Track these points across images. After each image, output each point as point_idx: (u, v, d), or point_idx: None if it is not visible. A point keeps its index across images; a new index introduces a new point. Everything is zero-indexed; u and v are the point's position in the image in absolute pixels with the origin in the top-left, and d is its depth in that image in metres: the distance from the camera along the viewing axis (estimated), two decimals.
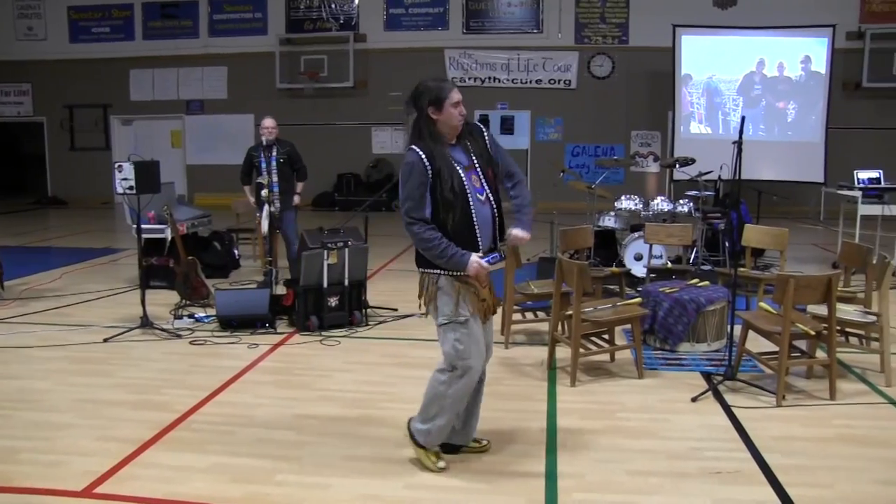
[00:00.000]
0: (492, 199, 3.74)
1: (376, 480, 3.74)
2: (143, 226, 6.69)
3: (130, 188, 6.18)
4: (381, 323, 6.81)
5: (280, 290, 7.09)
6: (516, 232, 3.79)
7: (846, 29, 15.74)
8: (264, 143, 7.95)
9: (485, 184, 3.72)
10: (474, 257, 3.61)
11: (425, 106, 3.64)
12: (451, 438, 3.99)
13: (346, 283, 6.55)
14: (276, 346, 6.05)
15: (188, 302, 7.18)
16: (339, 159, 16.74)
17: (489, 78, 16.89)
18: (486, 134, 3.85)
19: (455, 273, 3.65)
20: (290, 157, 8.18)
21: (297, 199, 8.31)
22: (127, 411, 4.65)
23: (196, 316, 6.83)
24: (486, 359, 3.93)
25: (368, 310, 6.90)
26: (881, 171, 9.99)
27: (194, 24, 17.73)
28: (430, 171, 3.57)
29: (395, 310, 7.17)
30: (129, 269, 9.04)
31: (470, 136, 3.77)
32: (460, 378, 3.73)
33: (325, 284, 6.43)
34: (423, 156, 3.59)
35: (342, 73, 16.88)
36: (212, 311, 6.77)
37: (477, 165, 3.72)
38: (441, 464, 3.85)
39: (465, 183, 3.62)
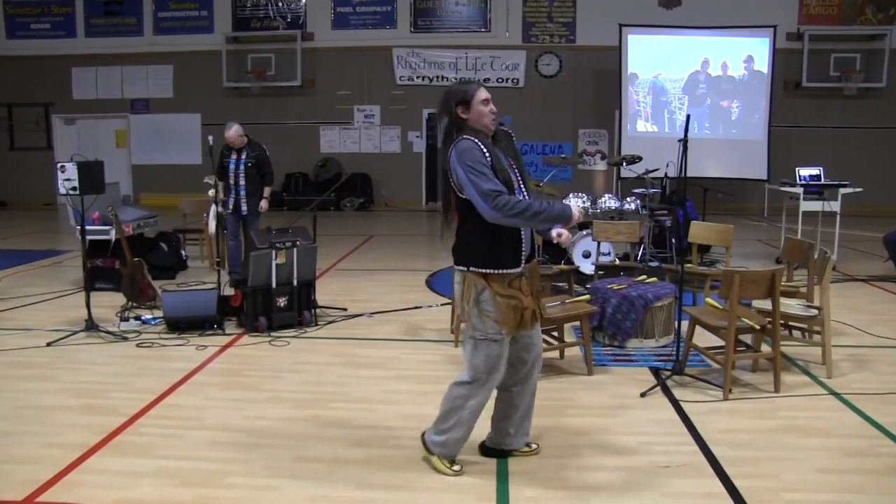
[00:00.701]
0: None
1: (328, 482, 3.71)
2: (87, 227, 6.55)
3: (74, 189, 6.04)
4: (330, 323, 6.77)
5: (228, 290, 7.01)
6: (562, 231, 3.69)
7: (786, 30, 16.15)
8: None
9: (521, 186, 3.69)
10: (572, 203, 3.60)
11: (454, 107, 3.63)
12: (502, 444, 3.97)
13: (295, 283, 6.49)
14: (224, 347, 5.98)
15: (134, 304, 7.04)
16: (287, 159, 16.57)
17: (437, 77, 16.90)
18: (513, 139, 3.84)
19: (500, 272, 3.57)
20: (259, 160, 8.17)
21: (264, 203, 8.28)
22: (72, 416, 4.55)
23: (143, 318, 6.71)
24: (540, 362, 3.93)
25: (318, 310, 6.86)
26: (821, 169, 10.23)
27: (139, 22, 17.43)
28: (488, 156, 3.51)
29: (345, 309, 7.14)
30: (73, 272, 8.86)
31: (503, 140, 3.74)
32: (480, 391, 3.71)
33: (274, 285, 6.37)
34: (478, 142, 3.54)
35: (290, 71, 16.75)
36: (159, 313, 6.66)
37: (514, 167, 3.70)
38: (455, 467, 3.81)
39: (510, 175, 3.61)
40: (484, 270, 3.59)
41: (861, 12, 16.67)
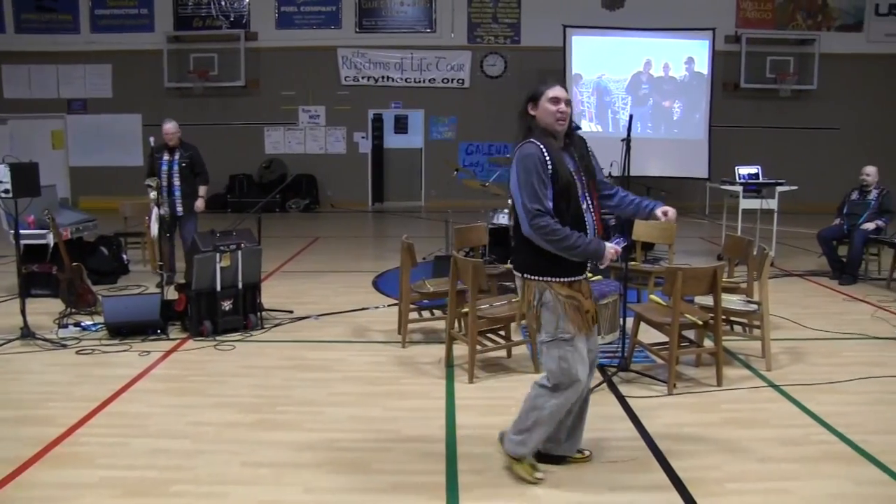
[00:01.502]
0: (592, 208, 3.64)
1: (275, 487, 3.68)
2: (21, 231, 6.40)
3: (6, 192, 5.90)
4: (276, 326, 6.71)
5: (172, 294, 6.89)
6: (668, 208, 3.73)
7: (725, 33, 16.52)
8: (167, 145, 7.91)
9: (587, 193, 3.63)
10: (608, 243, 3.55)
11: (525, 102, 3.67)
12: (555, 450, 3.92)
13: (240, 286, 6.42)
14: (168, 352, 5.88)
15: (73, 310, 6.90)
16: (231, 160, 16.38)
17: (382, 77, 16.86)
18: (587, 145, 3.79)
19: (565, 280, 3.56)
20: (193, 160, 8.21)
21: (200, 203, 8.35)
22: (5, 429, 4.40)
23: (82, 324, 6.56)
24: (594, 367, 3.89)
25: (263, 313, 6.79)
26: (760, 167, 10.46)
27: (74, 19, 16.96)
28: (549, 162, 3.49)
29: (291, 312, 7.08)
30: (6, 277, 8.61)
31: (574, 144, 3.71)
32: (560, 396, 3.63)
33: (219, 288, 6.29)
34: (542, 146, 3.52)
35: (233, 71, 16.53)
36: (99, 319, 6.52)
37: (581, 173, 3.64)
38: (538, 474, 3.74)
39: (576, 181, 3.57)
40: (542, 279, 3.58)
41: (793, 18, 17.17)
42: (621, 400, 4.85)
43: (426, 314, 6.53)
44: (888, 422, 4.56)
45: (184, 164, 8.11)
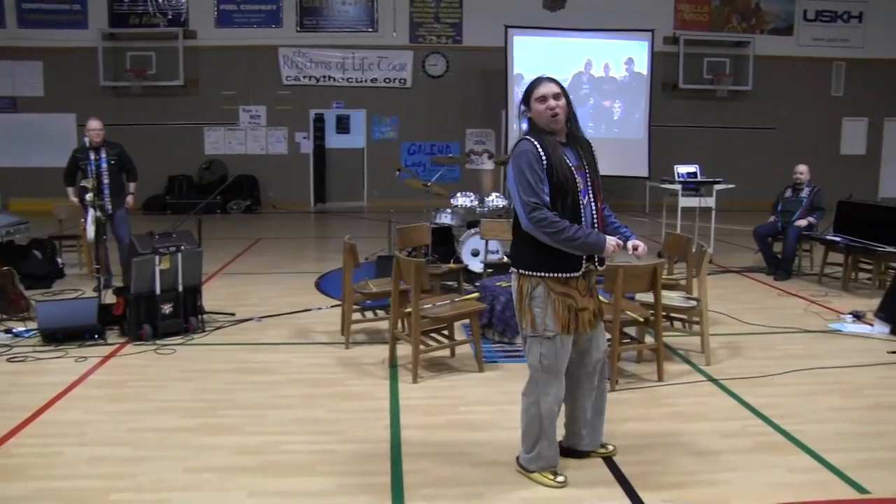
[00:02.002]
0: (593, 205, 3.64)
1: (219, 492, 3.63)
2: None
3: None
4: (218, 328, 6.62)
5: (110, 298, 6.76)
6: (639, 242, 3.74)
7: (663, 34, 16.85)
8: (87, 144, 7.69)
9: (589, 189, 3.64)
10: (609, 237, 3.55)
11: (521, 102, 3.71)
12: (578, 445, 3.96)
13: (181, 288, 6.32)
14: (106, 358, 5.76)
15: (5, 316, 6.71)
16: (169, 161, 16.11)
17: (324, 77, 16.75)
18: (593, 149, 3.79)
19: (559, 275, 3.57)
20: (121, 158, 8.13)
21: (130, 200, 8.30)
22: None
23: (14, 330, 6.37)
24: (602, 363, 3.90)
25: (205, 315, 6.69)
26: (698, 166, 10.68)
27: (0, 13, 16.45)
28: (544, 159, 3.51)
29: (233, 314, 7.00)
30: None
31: (581, 144, 3.71)
32: (547, 393, 3.65)
33: (158, 291, 6.18)
34: (537, 144, 3.54)
35: (171, 70, 16.24)
36: (33, 325, 6.36)
37: (585, 169, 3.64)
38: (560, 478, 3.72)
39: (575, 176, 3.56)
40: (536, 273, 3.59)
41: (728, 20, 17.59)
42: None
43: (369, 315, 6.51)
44: (819, 412, 4.71)
45: (112, 162, 8.03)
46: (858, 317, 6.95)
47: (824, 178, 10.63)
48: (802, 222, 8.93)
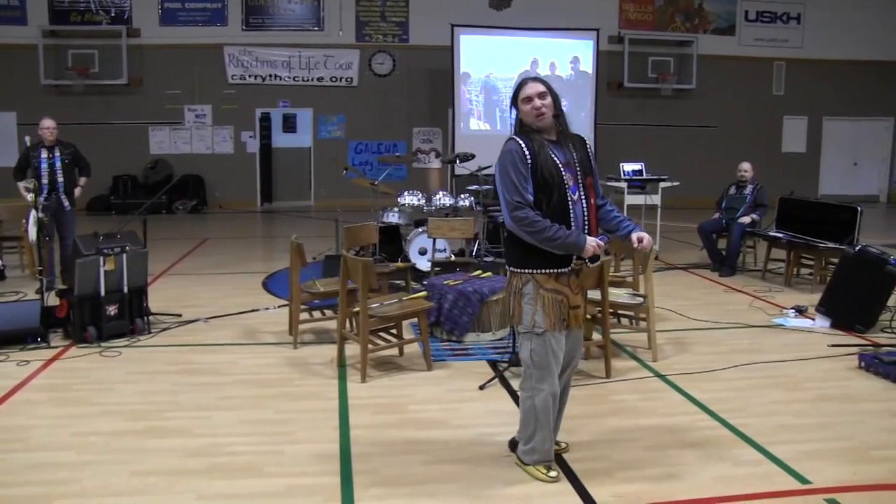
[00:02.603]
0: (584, 202, 3.65)
1: (166, 495, 3.57)
2: None
3: None
4: (164, 330, 6.52)
5: (53, 300, 6.60)
6: (643, 234, 3.75)
7: (608, 33, 17.05)
8: (45, 143, 7.74)
9: (579, 186, 3.65)
10: (590, 237, 3.56)
11: (511, 103, 3.76)
12: None
13: (126, 290, 6.21)
14: (50, 361, 5.63)
15: None
16: (114, 160, 15.77)
17: (270, 76, 16.59)
18: (588, 146, 3.82)
19: (549, 271, 3.59)
20: (76, 156, 8.23)
21: (78, 191, 8.31)
22: None
23: None
24: (575, 363, 3.93)
25: (151, 317, 6.58)
26: (643, 164, 10.82)
27: None
28: (529, 158, 3.55)
29: (179, 315, 6.90)
30: None
31: (572, 141, 3.74)
32: (541, 388, 3.70)
33: (103, 293, 6.07)
34: (522, 143, 3.59)
35: (115, 69, 15.91)
36: None
37: (575, 165, 3.66)
38: (553, 473, 3.77)
39: (562, 173, 3.58)
40: (525, 271, 3.63)
41: (672, 20, 17.87)
42: (513, 394, 4.92)
43: (317, 314, 6.47)
44: (763, 405, 4.81)
45: (66, 161, 8.07)
46: (801, 311, 7.12)
47: (767, 176, 10.85)
48: (746, 219, 9.10)
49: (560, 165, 3.60)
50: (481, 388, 5.04)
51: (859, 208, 8.20)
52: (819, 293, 7.16)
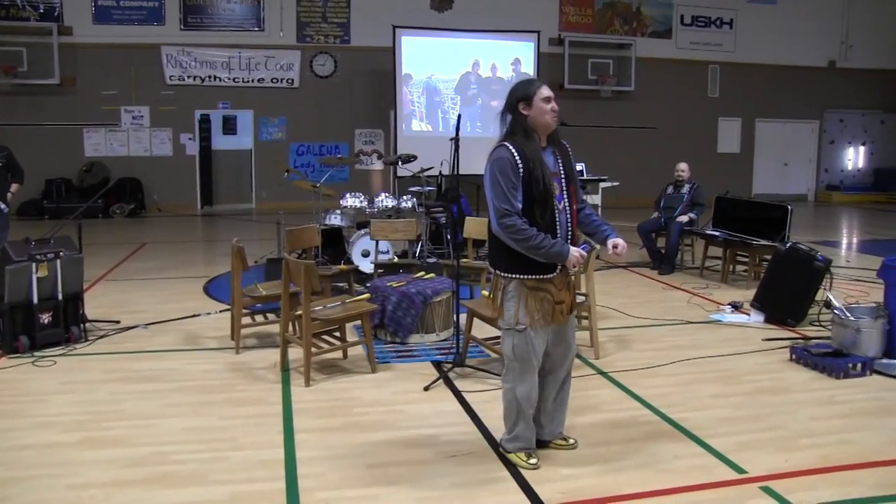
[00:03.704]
0: (567, 210, 3.75)
1: None
2: None
3: None
4: (102, 337, 6.38)
5: None
6: (619, 241, 3.82)
7: (549, 35, 17.26)
8: None
9: (565, 194, 3.73)
10: (573, 248, 3.62)
11: (516, 102, 3.72)
12: (539, 434, 4.05)
13: (60, 297, 6.06)
14: None
15: None
16: (46, 163, 15.37)
17: (210, 77, 16.37)
18: (570, 153, 3.86)
19: (534, 277, 3.67)
20: (9, 160, 7.94)
21: (9, 197, 7.99)
22: None
23: None
24: (571, 357, 4.02)
25: (88, 324, 6.44)
26: (584, 165, 10.95)
27: None
28: (520, 167, 3.59)
29: (118, 322, 6.77)
30: None
31: (559, 147, 3.79)
32: (522, 381, 3.81)
33: (36, 300, 5.91)
34: (514, 151, 3.62)
35: (46, 68, 15.46)
36: None
37: (562, 174, 3.72)
38: (533, 461, 3.88)
39: (552, 183, 3.64)
40: (510, 275, 3.70)
41: (611, 23, 18.17)
42: (457, 395, 4.95)
43: (259, 318, 6.40)
44: (702, 399, 4.92)
45: (1, 164, 7.81)
46: (737, 307, 7.29)
47: (703, 176, 11.07)
48: (684, 218, 9.27)
49: (552, 174, 3.68)
50: (426, 389, 5.05)
51: (790, 207, 8.42)
52: (754, 289, 7.34)
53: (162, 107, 16.30)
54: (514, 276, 3.72)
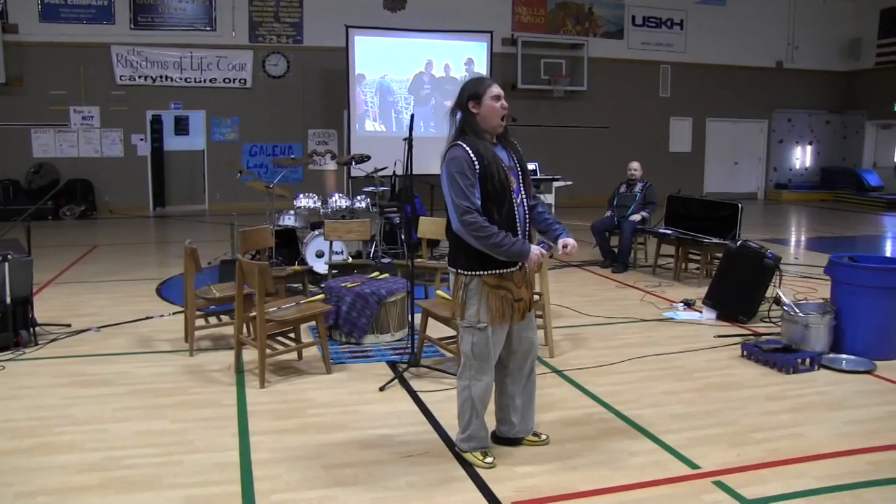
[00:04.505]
0: (525, 204, 3.80)
1: None
2: None
3: None
4: (53, 341, 6.27)
5: None
6: (570, 241, 3.84)
7: (501, 35, 17.35)
8: None
9: (521, 189, 3.79)
10: (534, 246, 3.63)
11: (466, 100, 3.73)
12: (510, 432, 4.09)
13: (8, 300, 5.94)
14: None
15: None
16: None
17: (161, 77, 16.14)
18: (520, 149, 3.89)
19: (494, 272, 3.69)
20: None
21: None
22: None
23: None
24: (533, 353, 4.04)
25: (37, 328, 6.32)
26: (537, 164, 11.02)
27: None
28: (476, 164, 3.61)
29: (69, 325, 6.65)
30: None
31: (510, 144, 3.82)
32: (479, 379, 3.84)
33: None
34: (469, 149, 3.63)
35: None
36: None
37: (517, 168, 3.75)
38: (489, 459, 3.90)
39: (508, 176, 3.66)
40: (470, 273, 3.70)
41: (563, 23, 18.31)
42: (413, 395, 4.96)
43: (213, 320, 6.36)
44: (655, 396, 4.99)
45: None
46: (689, 305, 7.40)
47: (655, 175, 11.22)
48: (636, 217, 9.39)
49: (505, 169, 3.71)
50: (381, 389, 5.05)
51: (740, 205, 8.57)
52: (706, 287, 7.46)
53: (113, 107, 16.04)
54: (474, 273, 3.73)
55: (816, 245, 12.25)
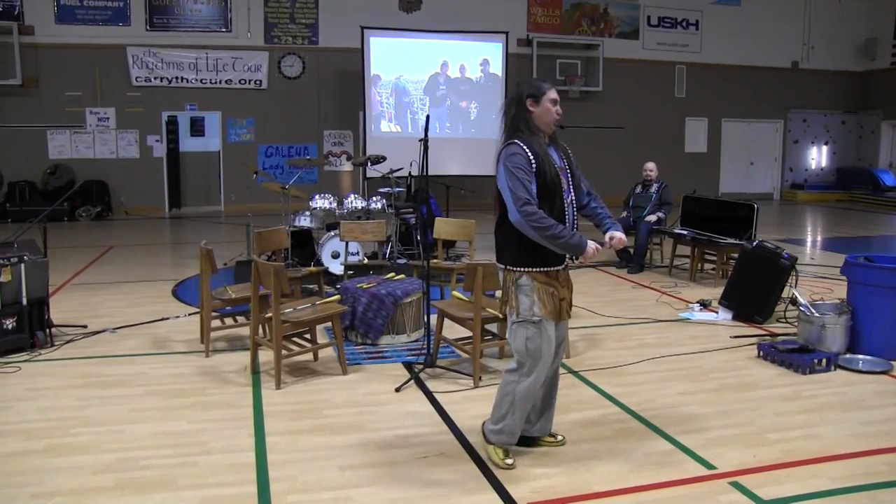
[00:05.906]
0: (574, 204, 3.87)
1: None
2: None
3: None
4: (69, 342, 6.30)
5: None
6: (618, 233, 3.89)
7: (517, 36, 17.32)
8: None
9: (570, 189, 3.85)
10: (590, 241, 3.67)
11: (524, 97, 3.77)
12: (528, 431, 4.07)
13: (25, 301, 5.97)
14: None
15: None
16: (8, 166, 15.18)
17: (176, 78, 16.21)
18: (570, 153, 3.96)
19: (543, 270, 3.74)
20: None
21: None
22: None
23: None
24: (561, 353, 4.07)
25: (53, 329, 6.35)
26: None
27: None
28: (533, 162, 3.66)
29: (85, 326, 6.68)
30: None
31: (560, 146, 3.87)
32: (528, 376, 3.80)
33: None
34: (525, 147, 3.68)
35: (6, 68, 15.19)
36: None
37: (567, 169, 3.85)
38: (509, 461, 3.89)
39: (560, 176, 3.76)
40: (520, 269, 3.73)
41: (578, 24, 18.27)
42: (429, 395, 4.95)
43: (229, 321, 6.36)
44: (671, 397, 4.96)
45: None
46: (705, 305, 7.35)
47: (670, 175, 11.17)
48: (652, 217, 9.35)
49: (558, 169, 3.76)
50: (397, 390, 5.04)
51: (756, 206, 8.53)
52: (722, 287, 7.41)
53: (128, 108, 16.12)
54: (524, 269, 3.75)
55: (832, 245, 12.16)
